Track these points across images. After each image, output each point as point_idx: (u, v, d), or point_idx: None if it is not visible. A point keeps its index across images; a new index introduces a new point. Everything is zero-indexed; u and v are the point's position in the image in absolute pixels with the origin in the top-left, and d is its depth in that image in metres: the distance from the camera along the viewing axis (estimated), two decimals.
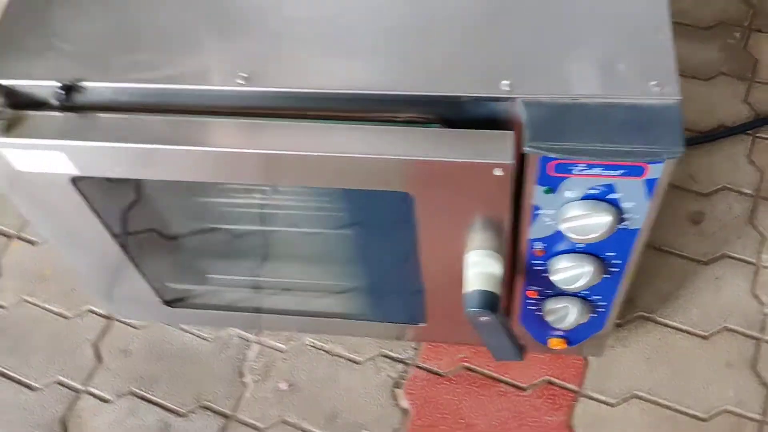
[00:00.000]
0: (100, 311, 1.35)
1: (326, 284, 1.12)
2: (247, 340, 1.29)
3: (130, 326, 1.33)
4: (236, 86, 0.79)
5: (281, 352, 1.28)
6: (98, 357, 1.29)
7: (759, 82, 1.44)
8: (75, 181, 0.87)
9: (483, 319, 0.90)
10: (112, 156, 0.82)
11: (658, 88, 0.74)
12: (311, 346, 1.28)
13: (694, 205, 1.33)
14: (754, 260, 1.28)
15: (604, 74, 0.76)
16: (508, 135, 0.75)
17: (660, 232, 1.28)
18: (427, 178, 0.78)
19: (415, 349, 1.26)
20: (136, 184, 0.94)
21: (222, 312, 1.17)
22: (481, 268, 0.90)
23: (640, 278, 1.22)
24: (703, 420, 1.15)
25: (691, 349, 1.21)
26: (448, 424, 1.18)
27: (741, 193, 1.34)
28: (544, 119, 0.75)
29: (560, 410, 1.18)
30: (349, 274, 1.08)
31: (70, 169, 0.84)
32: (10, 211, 1.47)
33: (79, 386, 1.27)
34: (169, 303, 1.15)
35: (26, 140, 0.81)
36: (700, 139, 1.37)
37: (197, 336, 1.31)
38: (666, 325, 1.24)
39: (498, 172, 0.75)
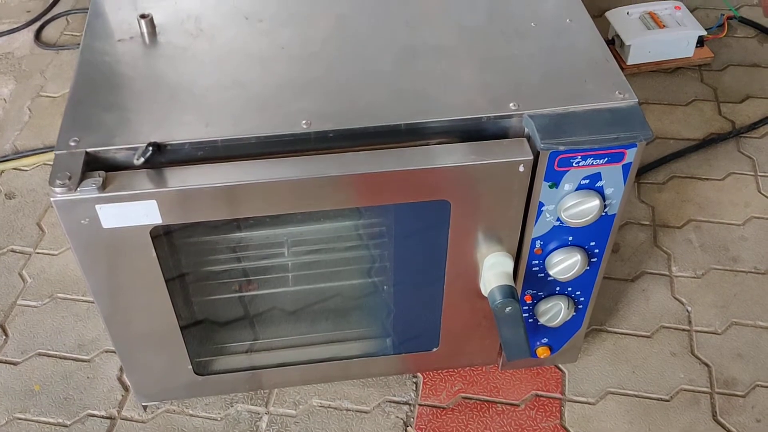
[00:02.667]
0: (101, 413, 1.36)
1: (354, 331, 1.26)
2: (257, 413, 1.36)
3: (136, 421, 1.35)
4: (302, 130, 0.97)
5: (292, 417, 1.36)
6: None
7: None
8: (153, 233, 0.98)
9: (508, 310, 1.09)
10: (198, 198, 0.95)
11: (621, 95, 1.02)
12: (319, 406, 1.37)
13: None
14: (667, 272, 1.56)
15: (581, 90, 1.02)
16: (524, 140, 0.99)
17: None
18: (464, 182, 0.99)
19: (415, 391, 1.39)
20: (198, 246, 1.06)
21: (245, 373, 1.26)
22: (498, 268, 1.10)
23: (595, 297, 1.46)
24: (667, 400, 1.37)
25: (641, 348, 1.44)
26: None
27: (641, 224, 1.65)
28: (547, 126, 0.99)
29: (552, 416, 1.35)
30: (376, 312, 1.23)
31: (154, 218, 0.96)
32: None
33: None
34: (198, 372, 1.22)
35: (123, 192, 0.93)
36: None
37: (206, 418, 1.35)
38: (616, 333, 1.47)
39: (521, 168, 0.98)
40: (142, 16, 1.11)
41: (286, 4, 1.19)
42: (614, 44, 2.02)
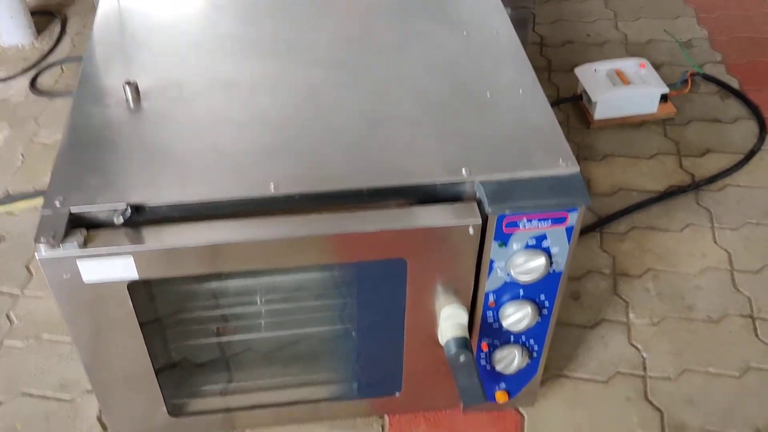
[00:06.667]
0: None
1: (323, 375, 1.33)
2: None
3: None
4: (270, 193, 1.06)
5: None
6: None
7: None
8: (130, 287, 1.06)
9: (462, 359, 1.17)
10: (172, 256, 1.03)
11: (564, 163, 1.11)
12: None
13: (571, 286, 1.70)
14: (625, 320, 1.65)
15: (528, 159, 1.11)
16: (473, 204, 1.08)
17: None
18: (419, 243, 1.07)
19: None
20: (174, 294, 1.14)
21: (219, 414, 1.33)
22: (453, 319, 1.18)
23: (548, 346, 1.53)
24: None
25: (598, 393, 1.52)
26: None
27: (602, 273, 1.74)
28: (496, 191, 1.08)
29: None
30: (343, 357, 1.31)
31: (131, 274, 1.04)
32: None
33: None
34: (173, 414, 1.29)
35: (102, 249, 1.01)
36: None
37: None
38: (574, 378, 1.55)
39: (471, 230, 1.06)
40: (128, 83, 1.20)
41: (264, 72, 1.28)
42: (582, 99, 2.13)
